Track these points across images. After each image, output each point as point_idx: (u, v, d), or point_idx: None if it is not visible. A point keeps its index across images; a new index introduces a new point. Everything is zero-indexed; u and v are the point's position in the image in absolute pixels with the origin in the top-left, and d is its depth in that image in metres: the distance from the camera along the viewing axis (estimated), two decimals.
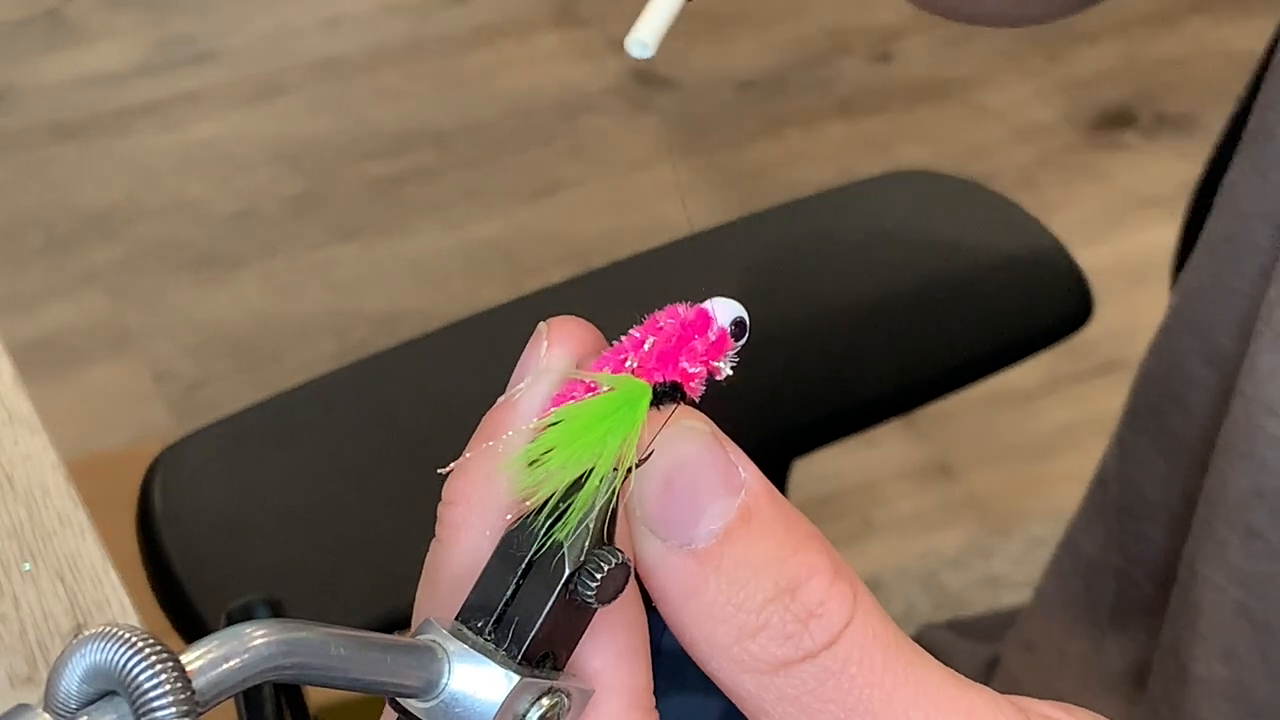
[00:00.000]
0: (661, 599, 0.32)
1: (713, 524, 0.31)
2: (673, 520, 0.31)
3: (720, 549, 0.31)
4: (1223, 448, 0.63)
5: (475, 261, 1.89)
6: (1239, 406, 0.62)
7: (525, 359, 0.33)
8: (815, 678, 0.31)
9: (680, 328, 0.32)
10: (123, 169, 2.00)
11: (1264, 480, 0.61)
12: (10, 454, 0.65)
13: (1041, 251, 0.90)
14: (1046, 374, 1.73)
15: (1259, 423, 0.61)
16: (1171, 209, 0.69)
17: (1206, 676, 0.65)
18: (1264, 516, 0.62)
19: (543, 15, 2.22)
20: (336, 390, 0.86)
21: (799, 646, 0.31)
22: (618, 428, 0.31)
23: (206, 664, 0.27)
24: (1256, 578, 0.63)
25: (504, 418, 0.33)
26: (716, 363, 0.32)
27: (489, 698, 0.30)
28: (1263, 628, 0.63)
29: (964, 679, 0.32)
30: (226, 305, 1.84)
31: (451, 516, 0.33)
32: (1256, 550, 0.62)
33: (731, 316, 0.32)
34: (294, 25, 2.20)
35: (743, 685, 0.31)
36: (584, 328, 0.34)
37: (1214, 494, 0.64)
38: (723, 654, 0.31)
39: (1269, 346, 0.60)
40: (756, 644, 0.31)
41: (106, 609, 0.60)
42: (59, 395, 1.72)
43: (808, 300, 0.86)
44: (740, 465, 0.32)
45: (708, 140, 2.02)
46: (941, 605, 1.54)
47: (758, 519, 0.31)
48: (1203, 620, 0.65)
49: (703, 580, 0.31)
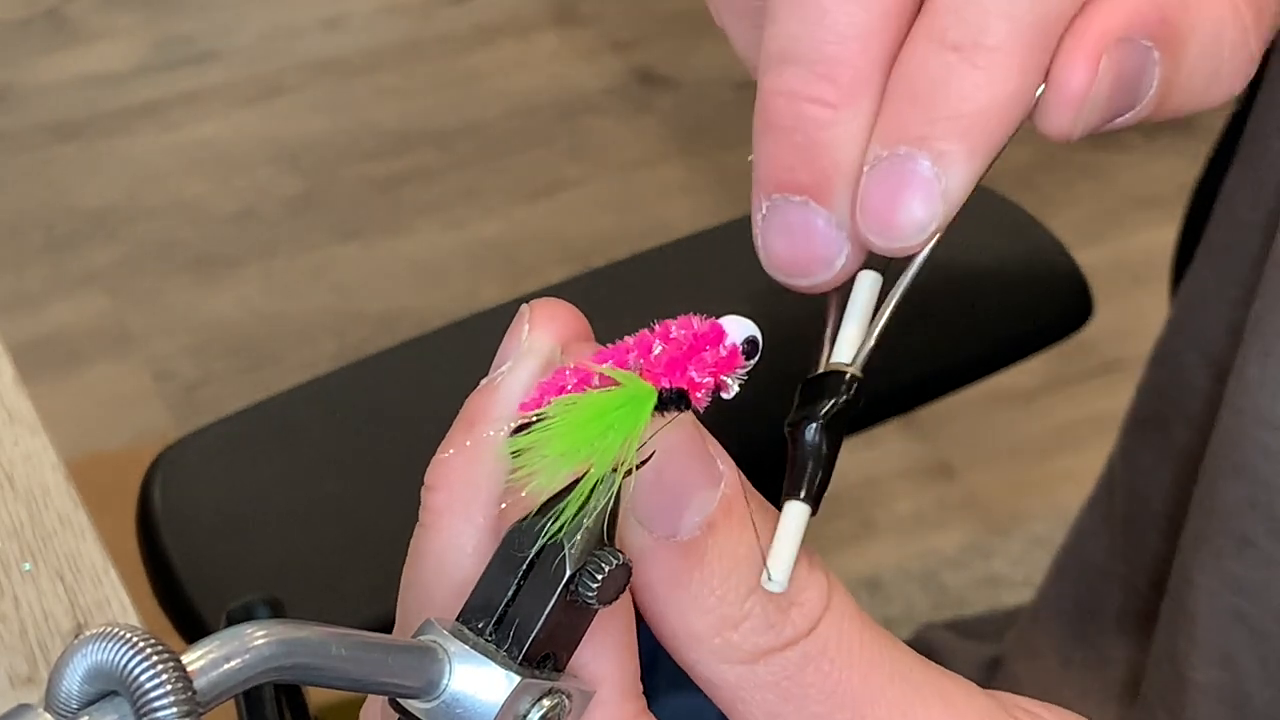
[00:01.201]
0: (644, 590, 0.32)
1: (697, 516, 0.31)
2: (660, 511, 0.32)
3: (703, 541, 0.31)
4: (1214, 457, 0.63)
5: (475, 261, 1.89)
6: (1228, 417, 0.62)
7: (507, 341, 0.33)
8: (795, 664, 0.32)
9: (692, 337, 0.32)
10: (123, 169, 2.00)
11: (1256, 490, 0.61)
12: (10, 454, 0.65)
13: (1041, 251, 0.90)
14: (1046, 374, 1.73)
15: (1249, 433, 0.61)
16: (1171, 209, 0.69)
17: (1204, 682, 0.65)
18: (1257, 526, 0.62)
19: (543, 15, 2.22)
20: (336, 390, 0.86)
21: (781, 635, 0.32)
22: (619, 427, 0.31)
23: (207, 664, 0.27)
24: (1252, 585, 0.63)
25: (485, 402, 0.33)
26: (725, 378, 0.32)
27: (490, 698, 0.30)
28: (1259, 633, 0.63)
29: (935, 665, 0.33)
30: (226, 305, 1.84)
31: (434, 502, 0.33)
32: (1251, 558, 0.63)
33: (744, 335, 0.32)
34: (294, 25, 2.19)
35: (722, 675, 0.32)
36: (567, 310, 0.34)
37: (1206, 502, 0.64)
38: (703, 645, 0.32)
39: (1257, 359, 0.60)
40: (739, 634, 0.31)
41: (106, 609, 0.60)
42: (59, 395, 1.72)
43: (807, 300, 0.86)
44: (718, 458, 0.32)
45: (708, 140, 2.02)
46: (941, 605, 1.54)
47: (737, 511, 0.32)
48: (1199, 627, 0.65)
49: (687, 572, 0.31)
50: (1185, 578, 0.66)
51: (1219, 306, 0.67)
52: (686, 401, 0.32)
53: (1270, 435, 0.60)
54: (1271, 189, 0.63)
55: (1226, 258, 0.66)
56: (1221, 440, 0.63)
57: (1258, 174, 0.64)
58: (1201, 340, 0.68)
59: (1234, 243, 0.66)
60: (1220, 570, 0.63)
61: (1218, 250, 0.67)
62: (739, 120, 1.75)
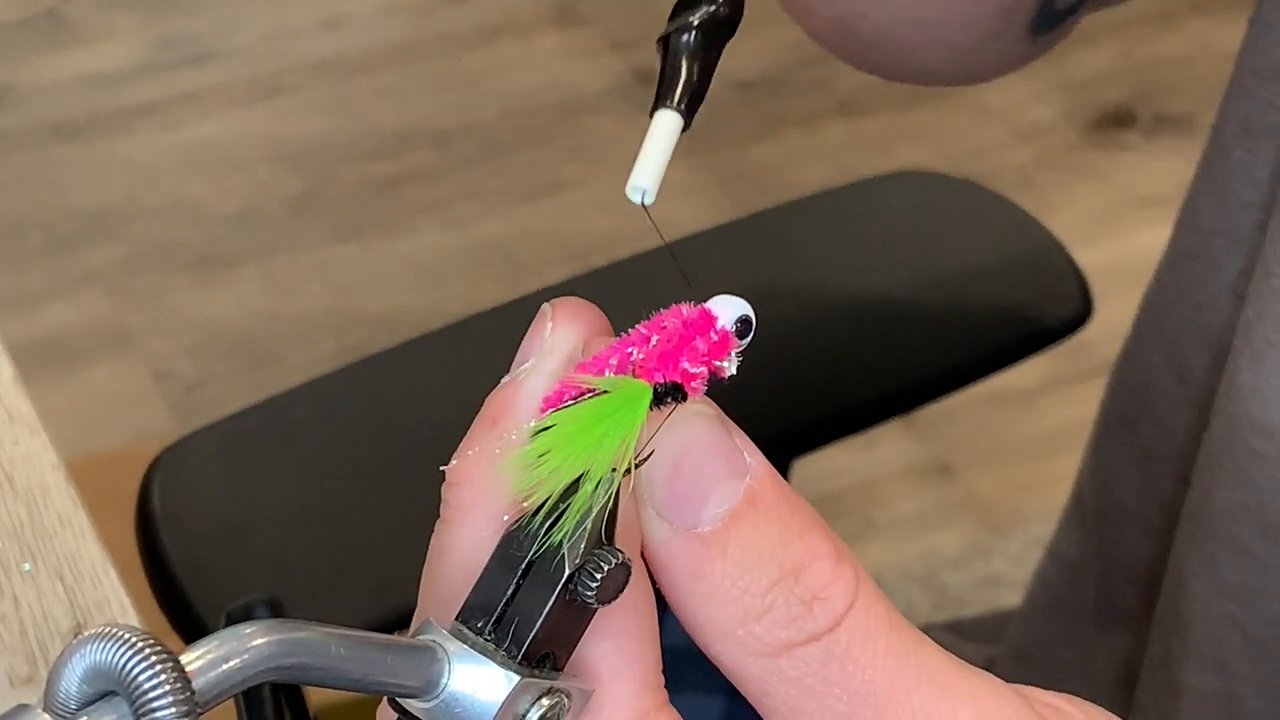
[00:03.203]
0: (667, 582, 0.32)
1: (718, 507, 0.31)
2: (679, 503, 0.31)
3: (726, 532, 0.31)
4: (1205, 463, 0.64)
5: (475, 261, 1.89)
6: (1220, 423, 0.62)
7: (530, 339, 0.33)
8: (819, 660, 0.31)
9: (682, 327, 0.32)
10: (123, 169, 2.00)
11: (1249, 496, 0.62)
12: (10, 454, 0.65)
13: (1041, 251, 0.90)
14: (1046, 374, 1.73)
15: (1242, 439, 0.61)
16: (1171, 209, 0.69)
17: (1200, 688, 0.65)
18: (1251, 532, 0.62)
19: (543, 15, 2.22)
20: (336, 390, 0.86)
21: (803, 629, 0.31)
22: (617, 428, 0.31)
23: (206, 664, 0.27)
24: (1246, 591, 0.63)
25: (508, 398, 0.33)
26: (720, 362, 0.32)
27: (489, 698, 0.30)
28: (1254, 639, 0.63)
29: (965, 664, 0.32)
30: (226, 305, 1.84)
31: (457, 498, 0.33)
32: (1245, 565, 0.63)
33: (736, 314, 0.32)
34: (294, 25, 2.19)
35: (747, 668, 0.32)
36: (589, 308, 0.34)
37: (1198, 509, 0.64)
38: (728, 637, 0.32)
39: (1248, 365, 0.60)
40: (761, 627, 0.31)
41: (106, 609, 0.60)
42: (59, 395, 1.72)
43: (808, 300, 0.86)
44: (745, 450, 0.32)
45: (708, 140, 2.02)
46: (941, 605, 1.54)
47: (763, 503, 0.32)
48: (1193, 633, 0.65)
49: (709, 563, 0.31)
50: (1178, 583, 0.66)
51: (1186, 312, 0.67)
52: (682, 395, 0.31)
53: (1261, 441, 0.60)
54: (1232, 198, 0.64)
55: (1192, 264, 0.67)
56: (1213, 446, 0.63)
57: (1219, 182, 0.65)
58: (1168, 344, 0.68)
59: (1198, 251, 0.66)
60: (1214, 576, 0.64)
61: (1182, 257, 0.68)
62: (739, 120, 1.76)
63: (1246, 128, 0.63)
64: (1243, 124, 0.63)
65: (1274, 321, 0.59)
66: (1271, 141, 0.62)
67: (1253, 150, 0.63)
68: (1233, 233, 0.64)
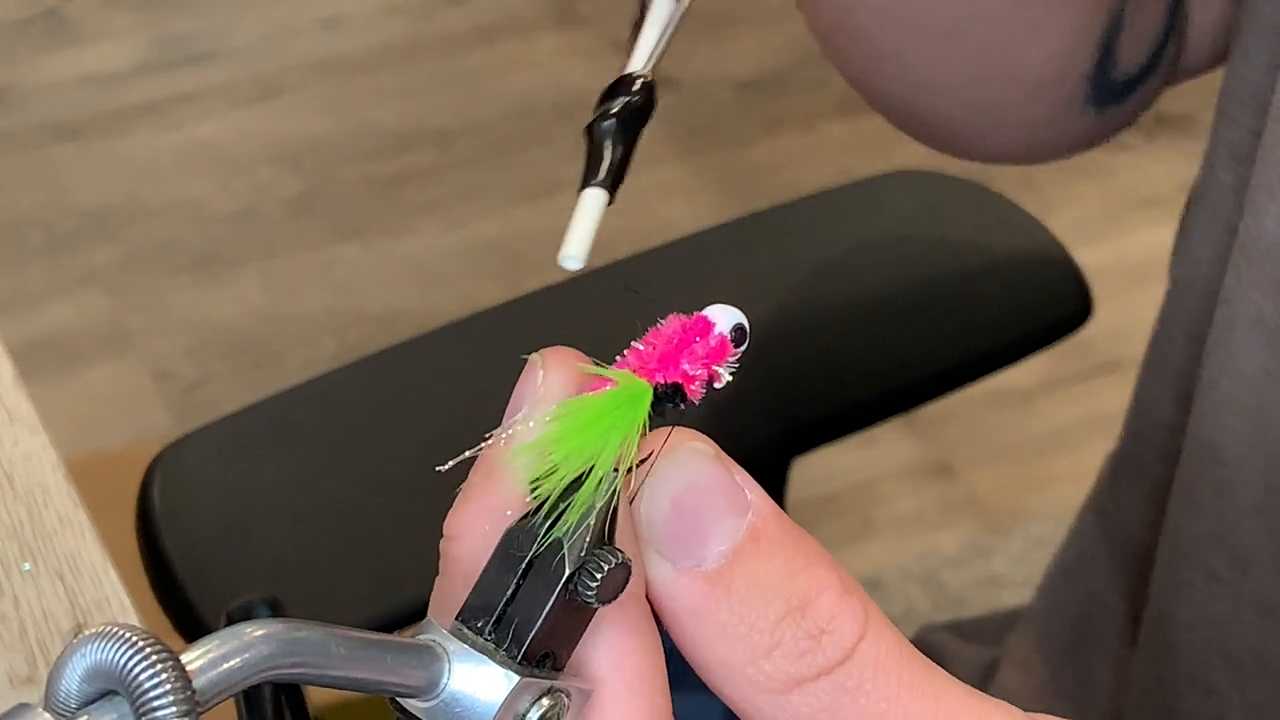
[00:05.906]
0: (673, 622, 0.32)
1: (721, 545, 0.31)
2: (682, 543, 0.31)
3: (730, 569, 0.31)
4: (1178, 493, 0.64)
5: (475, 261, 1.89)
6: (1189, 451, 0.63)
7: (520, 389, 0.33)
8: (830, 694, 0.31)
9: (681, 330, 0.32)
10: (123, 169, 2.00)
11: (1216, 525, 0.62)
12: (10, 454, 0.65)
13: (1041, 251, 0.90)
14: (1046, 374, 1.73)
15: (1208, 469, 0.61)
16: (1171, 209, 0.69)
17: (1189, 711, 0.65)
18: (1221, 559, 0.62)
19: (543, 15, 2.22)
20: (336, 390, 0.86)
21: (812, 664, 0.31)
22: (618, 426, 0.31)
23: (206, 664, 0.27)
24: (1222, 617, 0.63)
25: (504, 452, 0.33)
26: (717, 368, 0.32)
27: (489, 697, 0.30)
28: (1236, 664, 0.63)
29: (977, 692, 0.32)
30: (226, 305, 1.84)
31: (454, 552, 0.32)
32: (1219, 592, 0.63)
33: (731, 323, 0.32)
34: (294, 25, 2.19)
35: (758, 706, 0.31)
36: (579, 357, 0.33)
37: (1174, 537, 0.65)
38: (737, 675, 0.31)
39: (1205, 393, 0.61)
40: (770, 663, 0.31)
41: (106, 609, 0.60)
42: (59, 395, 1.72)
43: (808, 300, 0.86)
44: (746, 487, 0.32)
45: (708, 140, 2.02)
46: (941, 605, 1.54)
47: (766, 538, 0.31)
48: (1180, 658, 0.65)
49: (714, 601, 0.31)
50: (1162, 610, 0.66)
51: (1187, 343, 0.67)
52: (682, 395, 0.32)
53: (1222, 470, 0.61)
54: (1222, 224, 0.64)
55: (1190, 294, 0.67)
56: (1185, 475, 0.63)
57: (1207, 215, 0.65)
58: (1172, 376, 0.69)
59: (1194, 279, 0.66)
60: (1193, 603, 0.64)
61: (1182, 286, 0.68)
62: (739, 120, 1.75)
63: (1234, 154, 0.64)
64: (1230, 150, 0.64)
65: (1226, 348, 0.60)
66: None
67: (1242, 176, 0.63)
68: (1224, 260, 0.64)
